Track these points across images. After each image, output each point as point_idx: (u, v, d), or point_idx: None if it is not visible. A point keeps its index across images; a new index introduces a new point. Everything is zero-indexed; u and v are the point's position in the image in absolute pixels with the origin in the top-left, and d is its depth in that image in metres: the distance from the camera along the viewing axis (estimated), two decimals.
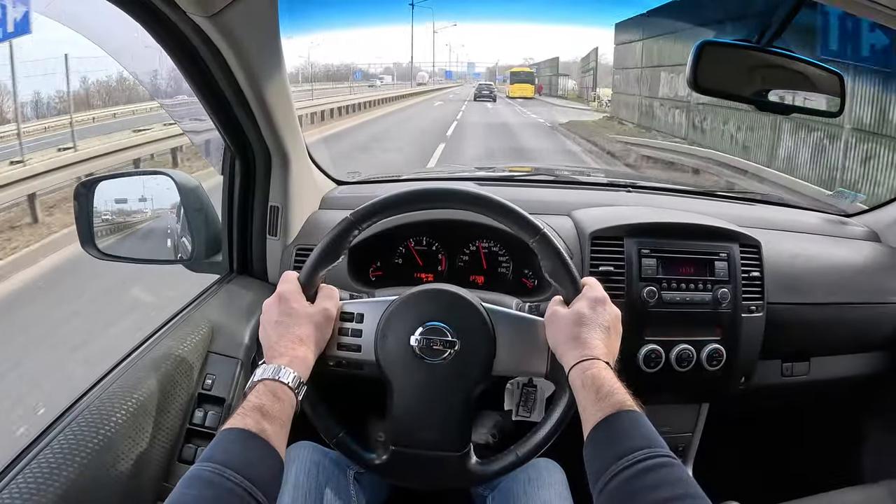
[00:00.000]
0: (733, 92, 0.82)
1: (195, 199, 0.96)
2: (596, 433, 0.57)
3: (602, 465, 0.54)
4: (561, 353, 0.66)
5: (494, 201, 0.71)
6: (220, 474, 0.51)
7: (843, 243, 1.12)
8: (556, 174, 1.48)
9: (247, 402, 0.58)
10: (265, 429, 0.56)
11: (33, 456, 0.62)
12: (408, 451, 0.70)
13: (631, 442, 0.54)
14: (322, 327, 0.68)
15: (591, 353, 0.63)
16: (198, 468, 0.52)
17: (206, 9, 0.64)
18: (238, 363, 0.85)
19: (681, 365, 0.92)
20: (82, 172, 5.18)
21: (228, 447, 0.54)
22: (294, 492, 0.75)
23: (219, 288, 0.97)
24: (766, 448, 1.34)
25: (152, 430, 0.74)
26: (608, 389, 0.59)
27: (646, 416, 0.57)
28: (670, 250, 0.94)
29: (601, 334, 0.65)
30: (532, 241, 0.70)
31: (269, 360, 0.64)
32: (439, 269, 1.05)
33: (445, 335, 0.69)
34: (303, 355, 0.65)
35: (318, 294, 0.70)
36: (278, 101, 0.86)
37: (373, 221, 0.71)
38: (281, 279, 0.71)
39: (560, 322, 0.67)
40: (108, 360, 0.78)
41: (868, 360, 1.09)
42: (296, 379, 0.62)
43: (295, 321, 0.67)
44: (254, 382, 0.61)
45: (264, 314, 0.69)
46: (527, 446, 0.69)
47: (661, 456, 0.53)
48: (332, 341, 0.71)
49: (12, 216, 4.83)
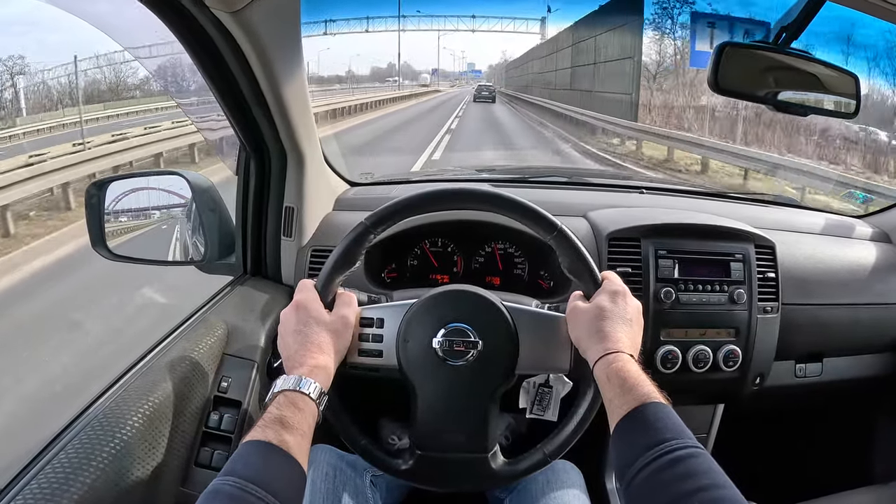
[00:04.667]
0: (751, 93, 0.82)
1: (208, 200, 0.95)
2: (623, 425, 0.57)
3: (630, 457, 0.54)
4: (584, 348, 0.66)
5: (509, 199, 0.71)
6: (241, 489, 0.50)
7: (855, 244, 1.13)
8: (569, 175, 1.48)
9: (267, 414, 0.57)
10: (286, 440, 0.55)
11: (48, 460, 0.61)
12: (434, 454, 0.69)
13: (658, 434, 0.54)
14: (342, 335, 0.68)
15: (615, 346, 0.63)
16: (220, 482, 0.51)
17: (231, 4, 0.64)
18: (254, 366, 0.84)
19: (697, 366, 0.92)
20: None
21: (249, 461, 0.53)
22: (311, 495, 0.74)
23: (232, 289, 0.95)
24: (779, 449, 1.34)
25: (168, 433, 0.73)
26: (633, 381, 0.59)
27: (672, 408, 0.57)
28: (686, 251, 0.94)
29: (624, 327, 0.65)
30: (549, 237, 0.70)
31: (290, 370, 0.63)
32: (455, 270, 1.04)
33: (468, 336, 0.68)
34: (323, 364, 0.64)
35: (335, 301, 0.70)
36: (296, 100, 0.85)
37: (388, 225, 0.70)
38: (297, 288, 0.70)
39: (582, 317, 0.67)
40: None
41: (881, 361, 1.09)
42: (317, 389, 0.61)
43: (314, 330, 0.66)
44: (274, 393, 0.60)
45: (282, 324, 0.68)
46: (554, 444, 0.69)
47: (689, 447, 0.52)
48: (353, 348, 0.70)
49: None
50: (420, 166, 7.07)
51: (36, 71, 8.99)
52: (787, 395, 1.09)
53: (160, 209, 1.01)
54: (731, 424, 1.09)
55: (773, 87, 0.82)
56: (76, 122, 8.60)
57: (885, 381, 1.10)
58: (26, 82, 9.36)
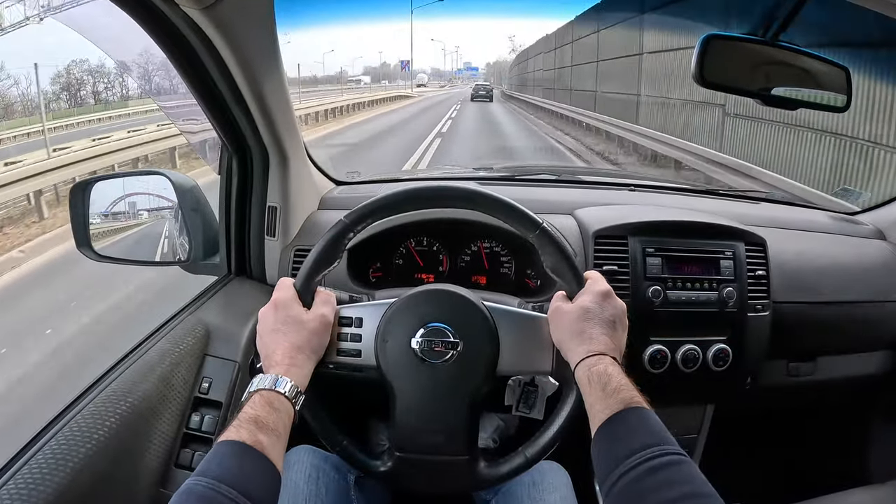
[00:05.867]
0: (739, 86, 0.80)
1: (192, 200, 0.94)
2: (603, 431, 0.56)
3: (610, 464, 0.53)
4: (566, 350, 0.65)
5: (490, 197, 0.70)
6: (214, 489, 0.49)
7: (848, 241, 1.11)
8: (559, 173, 1.47)
9: (242, 414, 0.57)
10: (260, 441, 0.54)
11: (25, 461, 0.61)
12: (413, 456, 0.68)
13: (640, 439, 0.53)
14: (320, 334, 0.67)
15: (597, 348, 0.61)
16: (192, 483, 0.50)
17: (199, 1, 0.63)
18: (235, 366, 0.83)
19: (687, 365, 0.91)
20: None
21: (223, 461, 0.52)
22: (294, 497, 0.73)
23: (216, 290, 0.95)
24: (773, 449, 1.33)
25: (148, 434, 0.73)
26: (616, 385, 0.57)
27: (654, 413, 0.56)
28: (675, 249, 0.93)
29: (607, 329, 0.64)
30: (532, 235, 0.69)
31: (267, 369, 0.63)
32: (441, 269, 1.03)
33: (447, 336, 0.67)
34: (300, 364, 0.63)
35: (315, 299, 0.69)
36: (276, 99, 0.84)
37: (367, 223, 0.70)
38: (276, 286, 0.69)
39: (564, 318, 0.66)
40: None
41: (875, 360, 1.08)
42: (293, 388, 0.60)
43: (292, 329, 0.65)
44: (250, 393, 0.59)
45: (260, 323, 0.67)
46: (535, 447, 0.68)
47: (670, 454, 0.51)
48: (332, 347, 0.69)
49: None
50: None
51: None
52: (780, 394, 1.08)
53: (144, 209, 1.01)
54: (724, 424, 1.08)
55: (760, 81, 0.80)
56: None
57: (879, 380, 1.09)
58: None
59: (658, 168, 7.07)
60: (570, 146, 9.31)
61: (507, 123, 14.08)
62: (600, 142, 9.09)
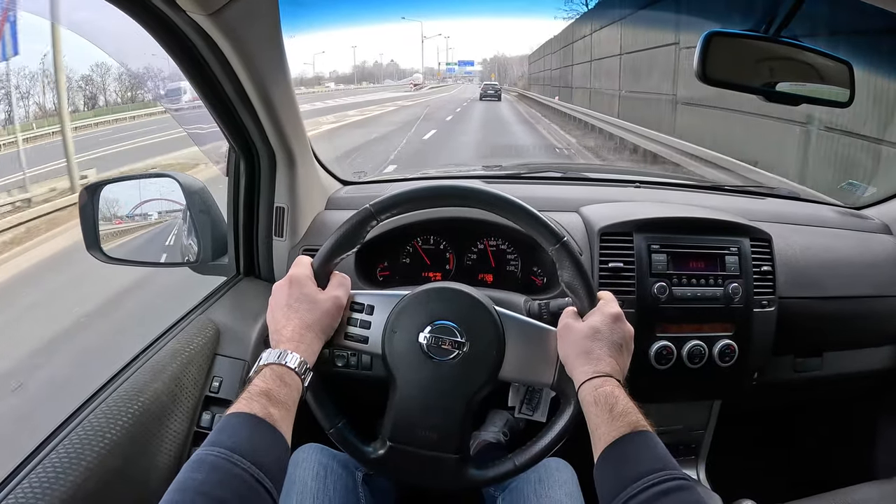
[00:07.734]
0: (741, 83, 0.80)
1: (200, 201, 0.95)
2: (609, 453, 0.56)
3: (616, 487, 0.53)
4: (571, 367, 0.65)
5: (517, 205, 0.69)
6: (227, 459, 0.49)
7: (854, 236, 1.10)
8: (565, 171, 1.47)
9: (252, 387, 0.57)
10: (272, 414, 0.55)
11: (39, 460, 0.62)
12: (405, 447, 0.69)
13: (646, 464, 0.53)
14: (331, 315, 0.67)
15: (603, 369, 0.62)
16: (204, 452, 0.50)
17: (206, 7, 0.64)
18: (245, 365, 0.84)
19: (693, 361, 0.91)
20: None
21: (235, 432, 0.52)
22: (302, 494, 0.74)
23: (225, 290, 0.96)
24: (779, 444, 1.33)
25: (159, 433, 0.74)
26: (622, 409, 0.58)
27: (659, 438, 0.56)
28: (680, 245, 0.93)
29: (614, 351, 0.64)
30: (552, 248, 0.68)
31: (276, 343, 0.63)
32: (447, 267, 1.04)
33: (455, 335, 0.68)
34: (309, 341, 0.64)
35: (330, 281, 0.69)
36: (282, 101, 0.85)
37: (392, 214, 0.70)
38: (294, 263, 0.70)
39: (573, 335, 0.66)
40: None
41: (882, 355, 1.08)
42: (302, 364, 0.61)
43: (304, 306, 0.66)
44: (259, 366, 0.60)
45: (273, 296, 0.68)
46: (525, 456, 0.68)
47: (678, 479, 0.52)
48: (340, 330, 0.70)
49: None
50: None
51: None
52: (786, 390, 1.08)
53: (154, 211, 1.02)
54: (730, 420, 1.08)
55: (764, 77, 0.80)
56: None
57: (886, 375, 1.08)
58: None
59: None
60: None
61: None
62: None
